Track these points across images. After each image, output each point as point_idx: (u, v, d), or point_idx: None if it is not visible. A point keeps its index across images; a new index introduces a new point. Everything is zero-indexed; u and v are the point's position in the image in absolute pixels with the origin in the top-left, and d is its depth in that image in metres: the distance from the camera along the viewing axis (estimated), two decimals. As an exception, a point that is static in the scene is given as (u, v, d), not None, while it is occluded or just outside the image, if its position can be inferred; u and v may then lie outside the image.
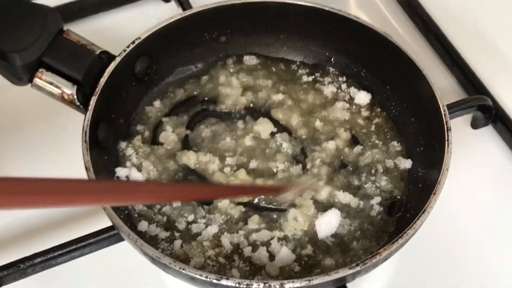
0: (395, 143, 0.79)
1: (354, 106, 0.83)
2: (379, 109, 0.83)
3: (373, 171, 0.77)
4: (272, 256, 0.70)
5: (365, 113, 0.82)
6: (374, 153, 0.78)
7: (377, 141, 0.80)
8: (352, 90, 0.84)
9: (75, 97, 0.73)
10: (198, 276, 0.61)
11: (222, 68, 0.86)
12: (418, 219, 0.65)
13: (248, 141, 0.80)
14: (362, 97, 0.83)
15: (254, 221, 0.73)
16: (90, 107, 0.72)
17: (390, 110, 0.82)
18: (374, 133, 0.81)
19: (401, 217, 0.73)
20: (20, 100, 0.86)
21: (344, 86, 0.85)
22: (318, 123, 0.81)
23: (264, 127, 0.80)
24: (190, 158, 0.77)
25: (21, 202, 0.49)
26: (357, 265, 0.62)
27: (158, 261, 0.63)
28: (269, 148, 0.79)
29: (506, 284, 0.76)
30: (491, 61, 0.93)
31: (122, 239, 0.70)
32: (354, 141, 0.80)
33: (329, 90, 0.84)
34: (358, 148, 0.79)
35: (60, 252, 0.70)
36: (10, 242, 0.77)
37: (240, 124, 0.81)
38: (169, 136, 0.80)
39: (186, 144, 0.80)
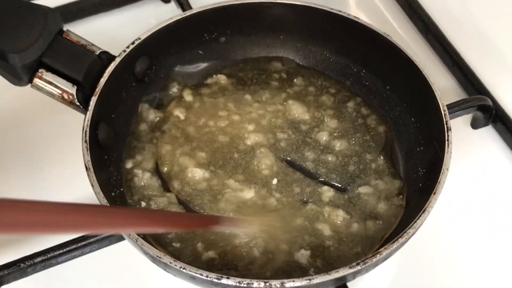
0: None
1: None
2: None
3: None
4: None
5: None
6: None
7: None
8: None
9: (75, 97, 0.73)
10: (198, 275, 0.61)
11: None
12: (418, 219, 0.65)
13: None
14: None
15: None
16: (90, 107, 0.72)
17: (390, 110, 0.83)
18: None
19: (401, 216, 0.74)
20: (20, 100, 0.86)
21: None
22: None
23: None
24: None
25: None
26: (358, 264, 0.62)
27: (159, 260, 0.63)
28: None
29: (506, 284, 0.76)
30: (491, 61, 0.93)
31: (122, 238, 0.70)
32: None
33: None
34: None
35: (60, 251, 0.70)
36: (10, 242, 0.77)
37: None
38: None
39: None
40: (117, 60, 0.76)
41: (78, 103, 0.73)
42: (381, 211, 0.74)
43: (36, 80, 0.72)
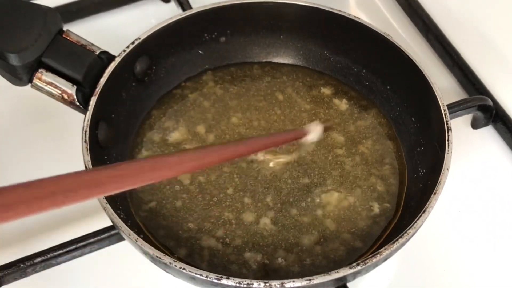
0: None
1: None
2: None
3: None
4: None
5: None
6: None
7: None
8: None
9: (75, 97, 0.73)
10: (198, 276, 0.61)
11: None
12: (418, 219, 0.65)
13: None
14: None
15: None
16: (90, 107, 0.72)
17: (390, 110, 0.83)
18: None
19: (401, 217, 0.74)
20: (20, 100, 0.86)
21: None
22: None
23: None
24: None
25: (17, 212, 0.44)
26: (358, 264, 0.62)
27: (159, 261, 0.63)
28: None
29: (506, 284, 0.76)
30: (491, 61, 0.93)
31: (122, 239, 0.70)
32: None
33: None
34: None
35: (60, 251, 0.70)
36: (10, 242, 0.77)
37: None
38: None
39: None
40: (117, 60, 0.76)
41: (78, 103, 0.73)
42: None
43: (36, 80, 0.72)
